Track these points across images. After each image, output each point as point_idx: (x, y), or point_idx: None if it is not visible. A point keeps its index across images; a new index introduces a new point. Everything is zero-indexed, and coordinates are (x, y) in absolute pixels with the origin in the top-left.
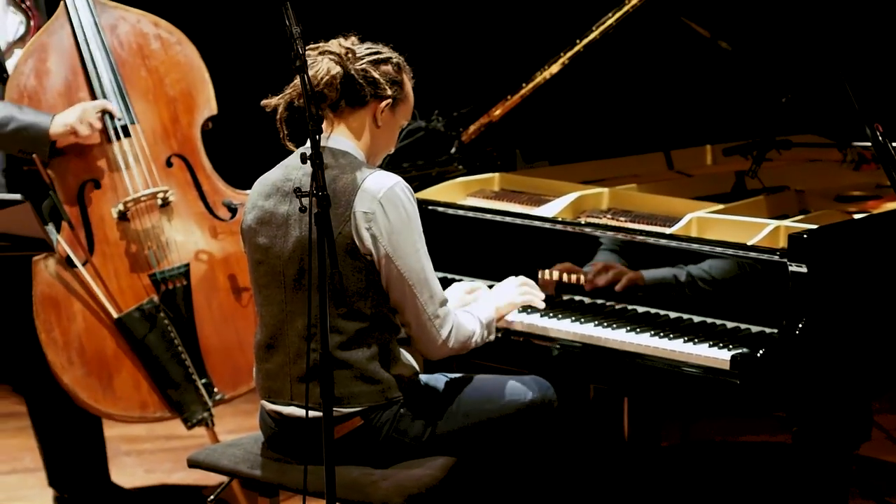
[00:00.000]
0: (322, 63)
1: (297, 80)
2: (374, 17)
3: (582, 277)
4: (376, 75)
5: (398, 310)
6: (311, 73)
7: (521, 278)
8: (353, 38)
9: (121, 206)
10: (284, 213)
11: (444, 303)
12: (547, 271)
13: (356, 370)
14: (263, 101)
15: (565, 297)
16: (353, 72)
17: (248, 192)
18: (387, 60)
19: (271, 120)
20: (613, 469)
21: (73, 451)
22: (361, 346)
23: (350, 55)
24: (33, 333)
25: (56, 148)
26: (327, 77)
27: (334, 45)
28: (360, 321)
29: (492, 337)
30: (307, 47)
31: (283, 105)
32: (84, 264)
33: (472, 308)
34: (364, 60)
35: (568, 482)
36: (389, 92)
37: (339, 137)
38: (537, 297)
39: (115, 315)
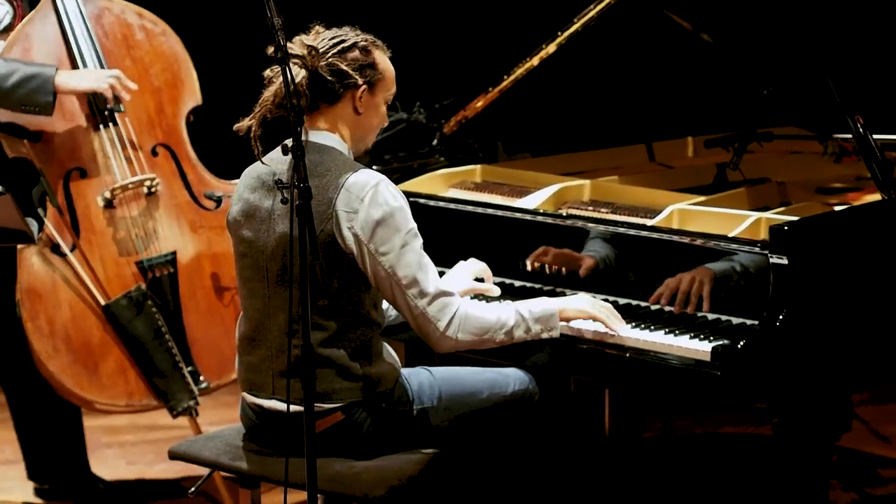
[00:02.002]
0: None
1: (265, 96)
2: (355, 9)
3: (563, 269)
4: (343, 66)
5: (395, 308)
6: (277, 84)
7: (601, 301)
8: (318, 28)
9: (107, 194)
10: (269, 207)
11: (438, 295)
12: (528, 262)
13: (337, 367)
14: (236, 126)
15: (546, 289)
16: (319, 70)
17: (233, 181)
18: (353, 46)
19: None
20: (595, 461)
21: (52, 442)
22: (343, 342)
23: (313, 53)
24: (15, 323)
25: (47, 127)
26: (293, 85)
27: (297, 44)
28: (342, 318)
29: (550, 333)
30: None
31: (257, 123)
32: (71, 251)
33: (524, 302)
34: (329, 55)
35: (549, 474)
36: (360, 80)
37: (321, 132)
38: (614, 320)
39: (102, 302)
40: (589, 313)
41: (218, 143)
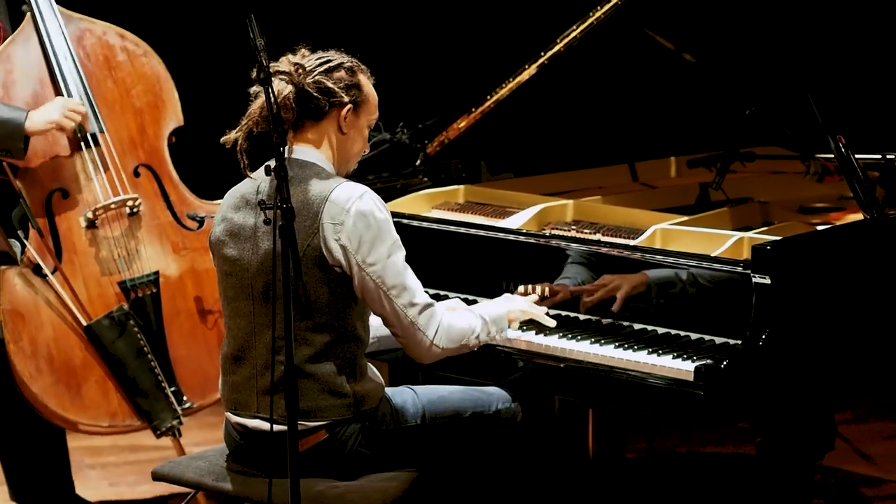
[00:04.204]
0: (273, 85)
1: (252, 109)
2: (339, 31)
3: (546, 290)
4: (330, 84)
5: (383, 319)
6: (262, 98)
7: (532, 297)
8: (304, 51)
9: (89, 214)
10: (252, 225)
11: (427, 306)
12: (511, 283)
13: (323, 383)
14: (223, 139)
15: None
16: (305, 87)
17: (216, 202)
18: (339, 66)
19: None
20: (578, 481)
21: (36, 464)
22: (328, 359)
23: (300, 70)
24: None
25: (28, 149)
26: (280, 99)
27: (284, 62)
28: (328, 334)
29: (502, 335)
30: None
31: (243, 136)
32: (53, 272)
33: (475, 307)
34: (315, 72)
35: (533, 495)
36: (346, 98)
37: (304, 149)
38: (546, 318)
39: (84, 323)
40: (527, 312)
41: (200, 164)
